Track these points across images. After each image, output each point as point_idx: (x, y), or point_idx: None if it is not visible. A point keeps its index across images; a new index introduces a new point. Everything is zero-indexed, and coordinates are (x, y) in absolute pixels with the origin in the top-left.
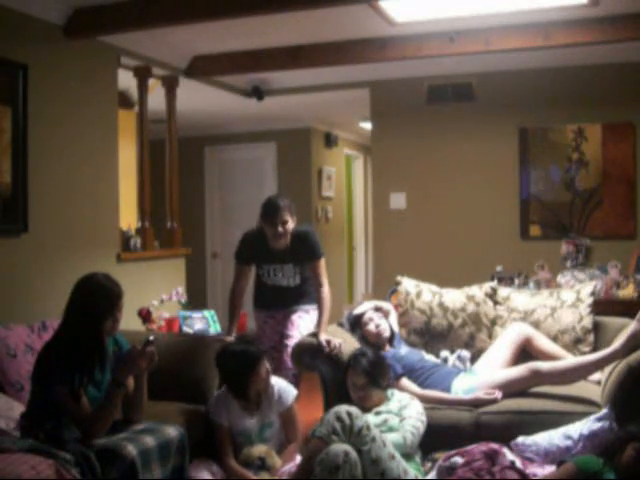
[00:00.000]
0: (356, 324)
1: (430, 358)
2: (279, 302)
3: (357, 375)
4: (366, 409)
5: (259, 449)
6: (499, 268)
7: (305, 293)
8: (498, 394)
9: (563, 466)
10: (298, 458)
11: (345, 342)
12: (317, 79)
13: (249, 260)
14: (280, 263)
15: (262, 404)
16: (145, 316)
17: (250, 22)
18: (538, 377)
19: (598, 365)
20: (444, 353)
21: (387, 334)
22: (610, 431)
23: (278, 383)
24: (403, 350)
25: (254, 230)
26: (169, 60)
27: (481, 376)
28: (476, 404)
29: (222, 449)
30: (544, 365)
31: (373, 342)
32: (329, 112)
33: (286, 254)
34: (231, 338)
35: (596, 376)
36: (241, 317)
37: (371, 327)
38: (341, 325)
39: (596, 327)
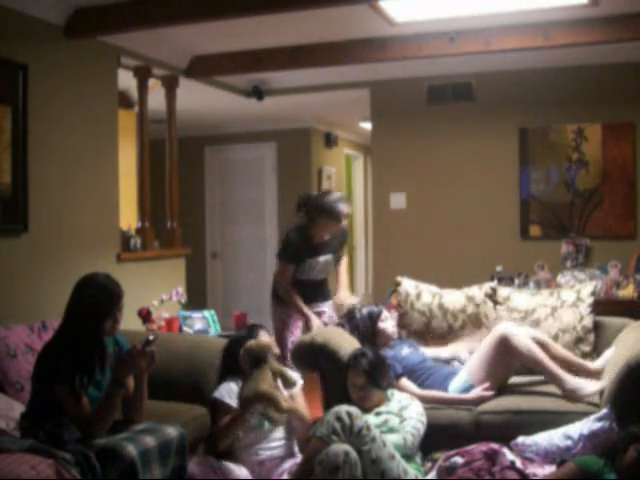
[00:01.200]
0: (371, 318)
1: (431, 359)
2: (307, 296)
3: (357, 375)
4: (366, 409)
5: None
6: (499, 268)
7: (328, 289)
8: (486, 385)
9: (564, 466)
10: (299, 457)
11: (345, 342)
12: (317, 79)
13: (296, 259)
14: (323, 254)
15: None
16: (145, 316)
17: (250, 22)
18: (507, 346)
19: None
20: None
21: (396, 336)
22: (610, 431)
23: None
24: (405, 351)
25: (297, 228)
26: (169, 60)
27: (466, 368)
28: (476, 402)
29: (225, 431)
30: (514, 333)
31: (381, 341)
32: (329, 112)
33: (327, 245)
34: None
35: (597, 386)
36: (241, 317)
37: (387, 325)
38: (341, 325)
39: (596, 327)
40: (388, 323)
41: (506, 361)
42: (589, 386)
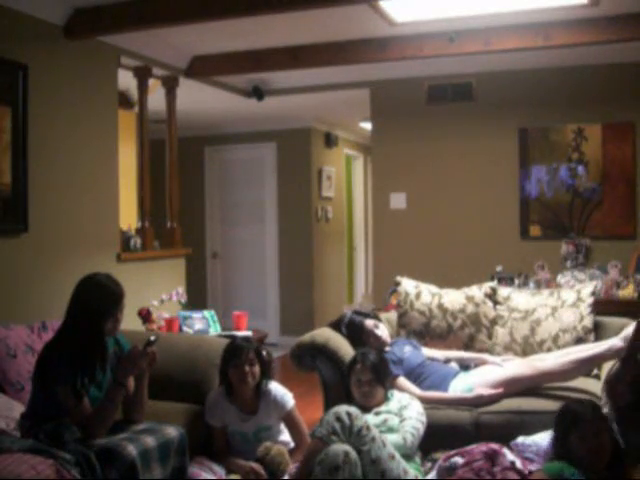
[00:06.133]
0: (360, 331)
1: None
2: None
3: (364, 371)
4: (366, 409)
5: (279, 450)
6: (499, 268)
7: None
8: (500, 390)
9: (533, 475)
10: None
11: (345, 342)
12: (317, 79)
13: None
14: None
15: (259, 408)
16: (145, 316)
17: (250, 22)
18: (537, 375)
19: (596, 361)
20: None
21: (389, 341)
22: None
23: (276, 389)
24: (406, 351)
25: None
26: (169, 60)
27: (478, 376)
28: (477, 403)
29: (219, 448)
30: (543, 364)
31: (374, 345)
32: (329, 112)
33: None
34: None
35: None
36: (241, 317)
37: (379, 332)
38: (332, 326)
39: (596, 327)
40: (379, 330)
41: (534, 384)
42: (615, 340)
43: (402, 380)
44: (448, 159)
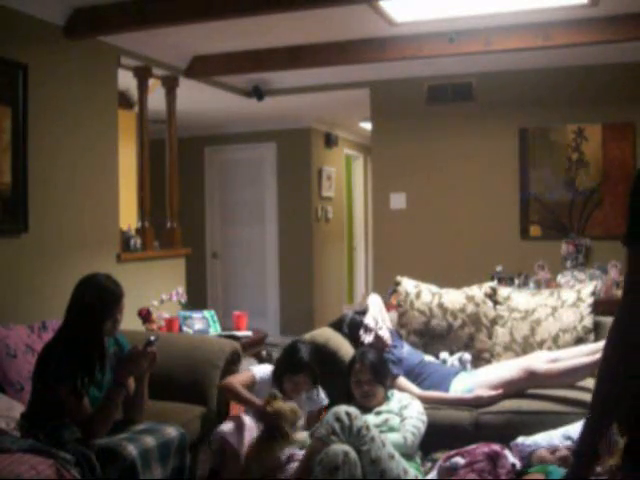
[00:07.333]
0: (357, 331)
1: (430, 359)
2: None
3: (363, 370)
4: (367, 409)
5: (293, 408)
6: (499, 268)
7: None
8: (499, 391)
9: (531, 475)
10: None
11: (345, 342)
12: (317, 79)
13: None
14: None
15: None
16: (145, 316)
17: (250, 22)
18: (534, 378)
19: (594, 367)
20: (443, 354)
21: (390, 342)
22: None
23: (321, 391)
24: (405, 352)
25: None
26: (169, 60)
27: (478, 376)
28: (476, 403)
29: (237, 380)
30: (540, 367)
31: (377, 347)
32: (329, 112)
33: None
34: None
35: None
36: (240, 317)
37: (382, 333)
38: (332, 326)
39: (596, 327)
40: (381, 332)
41: (531, 386)
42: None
43: (402, 380)
44: (448, 159)
